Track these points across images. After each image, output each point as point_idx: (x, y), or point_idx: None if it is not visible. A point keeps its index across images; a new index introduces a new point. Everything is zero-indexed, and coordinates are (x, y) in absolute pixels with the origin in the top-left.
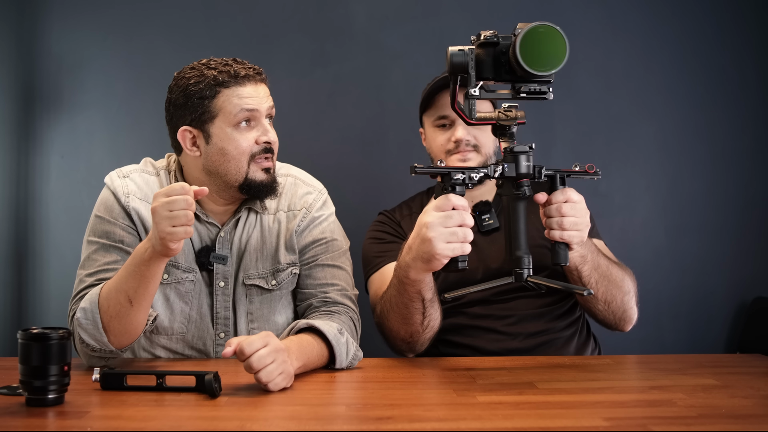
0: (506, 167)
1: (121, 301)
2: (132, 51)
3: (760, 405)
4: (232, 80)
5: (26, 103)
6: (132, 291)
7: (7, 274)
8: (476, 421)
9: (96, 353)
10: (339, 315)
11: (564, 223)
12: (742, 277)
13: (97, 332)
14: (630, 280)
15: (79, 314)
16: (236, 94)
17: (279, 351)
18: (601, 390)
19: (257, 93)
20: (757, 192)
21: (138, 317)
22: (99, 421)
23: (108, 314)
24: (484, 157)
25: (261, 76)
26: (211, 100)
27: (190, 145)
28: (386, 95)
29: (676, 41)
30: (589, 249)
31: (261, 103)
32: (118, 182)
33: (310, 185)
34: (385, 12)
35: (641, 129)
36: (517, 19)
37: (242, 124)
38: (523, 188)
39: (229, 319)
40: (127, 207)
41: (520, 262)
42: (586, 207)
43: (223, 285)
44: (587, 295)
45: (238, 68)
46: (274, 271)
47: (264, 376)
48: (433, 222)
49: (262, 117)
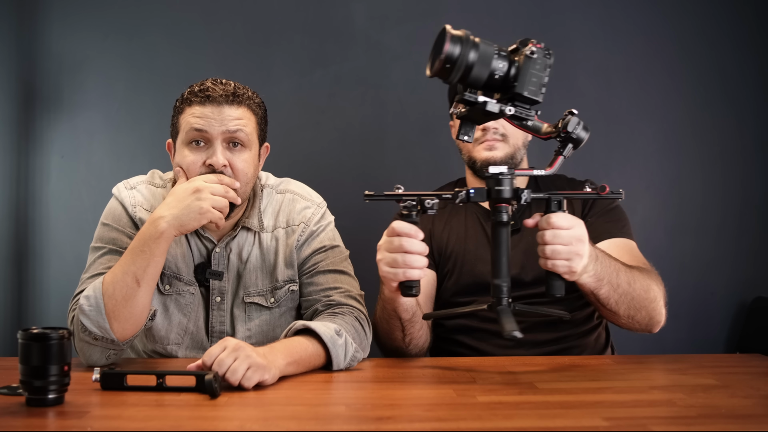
0: (472, 192)
1: (128, 283)
2: (132, 51)
3: (760, 405)
4: (195, 99)
5: (26, 103)
6: (141, 271)
7: (7, 274)
8: (476, 421)
9: (98, 342)
10: (343, 316)
11: (546, 251)
12: (742, 277)
13: (100, 317)
14: (656, 285)
15: (83, 301)
16: (191, 113)
17: (238, 348)
18: (601, 390)
19: (215, 115)
20: (757, 192)
21: (144, 299)
22: (99, 421)
23: (113, 299)
24: (512, 148)
25: (231, 99)
26: (179, 116)
27: (173, 156)
28: (386, 95)
29: (676, 41)
30: (606, 270)
31: (213, 126)
32: (126, 193)
33: (308, 199)
34: (385, 12)
35: (641, 129)
36: (517, 19)
37: (193, 143)
38: (500, 213)
39: (224, 334)
40: (134, 217)
41: (497, 291)
42: (578, 234)
43: (219, 300)
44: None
45: (207, 87)
46: (272, 289)
47: (230, 375)
48: (381, 245)
49: (214, 139)
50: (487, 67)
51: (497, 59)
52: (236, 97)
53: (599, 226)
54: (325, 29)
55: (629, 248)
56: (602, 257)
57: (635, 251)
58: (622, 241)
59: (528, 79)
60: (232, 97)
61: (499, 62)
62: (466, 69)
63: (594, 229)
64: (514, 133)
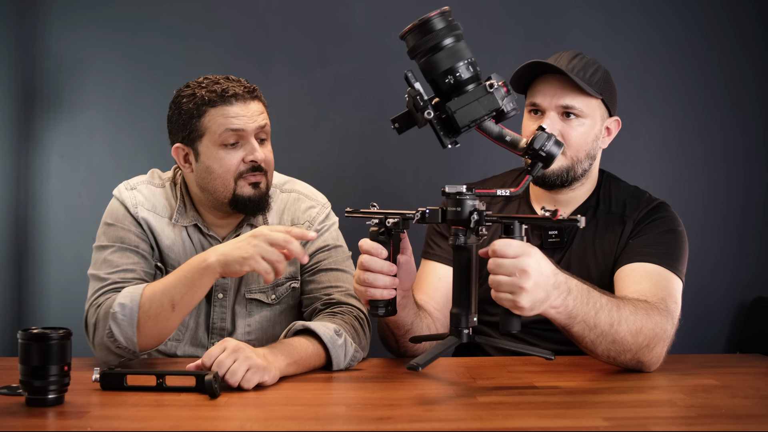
0: (428, 212)
1: (164, 305)
2: (132, 51)
3: (760, 405)
4: (219, 99)
5: (26, 103)
6: (178, 297)
7: (7, 274)
8: (476, 421)
9: (118, 350)
10: (342, 315)
11: (490, 280)
12: (742, 277)
13: (130, 330)
14: (655, 327)
15: (117, 308)
16: (222, 114)
17: (238, 350)
18: (601, 390)
19: (245, 112)
20: (757, 192)
21: (174, 323)
22: (99, 421)
23: (147, 315)
24: (569, 160)
25: (253, 94)
26: (198, 119)
27: (183, 161)
28: (386, 95)
29: (676, 41)
30: (581, 307)
31: (248, 123)
32: (126, 194)
33: (313, 199)
34: (385, 12)
35: (641, 129)
36: (517, 19)
37: (228, 143)
38: (457, 237)
39: (225, 330)
40: (137, 216)
41: (455, 320)
42: (523, 265)
43: (221, 297)
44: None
45: (227, 86)
46: (274, 286)
47: (230, 376)
48: (358, 260)
49: (249, 136)
50: (450, 63)
51: (464, 66)
52: (254, 91)
53: (636, 248)
54: (325, 29)
55: (656, 278)
56: (577, 292)
57: (662, 283)
58: (654, 268)
59: (467, 103)
60: (251, 93)
61: (463, 69)
62: (434, 47)
63: (629, 250)
64: (576, 142)
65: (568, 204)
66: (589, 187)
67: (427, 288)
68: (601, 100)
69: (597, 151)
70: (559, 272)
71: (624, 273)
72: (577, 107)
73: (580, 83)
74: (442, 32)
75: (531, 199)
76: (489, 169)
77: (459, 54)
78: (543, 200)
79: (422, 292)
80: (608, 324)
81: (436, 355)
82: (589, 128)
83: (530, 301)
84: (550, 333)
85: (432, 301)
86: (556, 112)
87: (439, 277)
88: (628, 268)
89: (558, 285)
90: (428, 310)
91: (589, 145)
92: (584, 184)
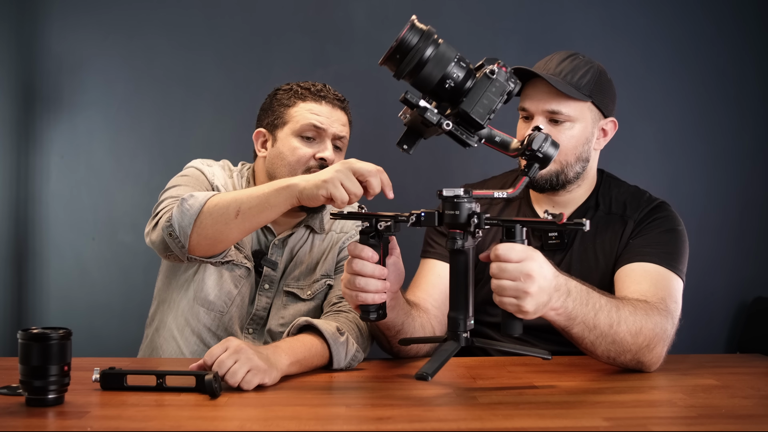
0: (423, 215)
1: (229, 209)
2: (132, 51)
3: (760, 405)
4: (310, 96)
5: (26, 103)
6: (246, 207)
7: (7, 274)
8: (476, 421)
9: (169, 240)
10: (346, 314)
11: (493, 286)
12: (742, 277)
13: (188, 220)
14: (655, 328)
15: (187, 197)
16: (309, 108)
17: (239, 350)
18: (601, 390)
19: (330, 114)
20: (757, 192)
21: (229, 234)
22: (99, 421)
23: (209, 212)
24: (558, 165)
25: (342, 104)
26: (287, 108)
27: (260, 146)
28: (386, 95)
29: (676, 41)
30: (581, 308)
31: (330, 124)
32: (205, 167)
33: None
34: (385, 12)
35: (641, 129)
36: (517, 19)
37: (306, 136)
38: (454, 240)
39: (262, 319)
40: (213, 183)
41: (452, 324)
42: (527, 269)
43: (267, 288)
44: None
45: (321, 88)
46: (312, 282)
47: (230, 377)
48: (346, 264)
49: (326, 136)
50: (441, 70)
51: (455, 66)
52: (343, 102)
53: (636, 247)
54: (325, 29)
55: (656, 278)
56: (577, 293)
57: (662, 283)
58: (654, 268)
59: (478, 99)
60: (341, 103)
61: (456, 70)
62: (418, 64)
63: (629, 250)
64: (564, 147)
65: (567, 205)
66: (587, 188)
67: (426, 285)
68: (591, 102)
69: (590, 154)
70: (559, 274)
71: (624, 273)
72: (563, 112)
73: (563, 89)
74: (420, 45)
75: (532, 200)
76: (489, 169)
77: (445, 58)
78: (542, 202)
79: (420, 289)
80: (608, 325)
81: (443, 361)
82: (579, 132)
83: (534, 305)
84: (549, 335)
85: (430, 299)
86: (544, 117)
87: (438, 275)
88: (628, 268)
89: (558, 287)
90: (425, 308)
91: (580, 148)
92: (581, 185)
